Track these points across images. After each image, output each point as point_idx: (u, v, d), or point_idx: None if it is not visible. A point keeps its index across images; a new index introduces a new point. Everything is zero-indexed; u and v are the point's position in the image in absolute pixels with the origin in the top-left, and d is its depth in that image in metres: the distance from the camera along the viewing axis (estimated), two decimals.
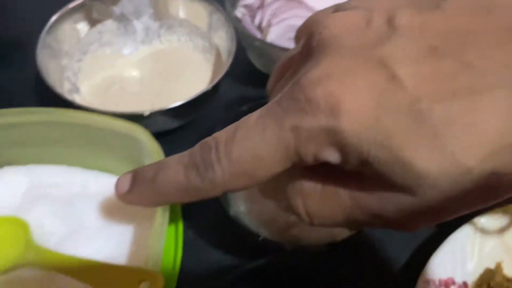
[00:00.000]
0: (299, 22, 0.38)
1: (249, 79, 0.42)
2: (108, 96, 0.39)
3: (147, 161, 0.24)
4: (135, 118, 0.30)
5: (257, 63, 0.41)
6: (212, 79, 0.39)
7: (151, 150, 0.26)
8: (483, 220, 0.31)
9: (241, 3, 0.39)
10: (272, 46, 0.36)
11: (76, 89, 0.39)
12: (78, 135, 0.28)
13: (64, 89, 0.37)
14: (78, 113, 0.29)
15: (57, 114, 0.28)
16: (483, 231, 0.31)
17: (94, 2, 0.40)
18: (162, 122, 0.35)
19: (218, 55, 0.40)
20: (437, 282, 0.29)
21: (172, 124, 0.36)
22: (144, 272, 0.23)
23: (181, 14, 0.42)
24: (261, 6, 0.38)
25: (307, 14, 0.37)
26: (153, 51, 0.42)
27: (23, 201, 0.28)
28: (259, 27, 0.38)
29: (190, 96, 0.34)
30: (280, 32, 0.36)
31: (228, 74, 0.35)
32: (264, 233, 0.28)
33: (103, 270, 0.24)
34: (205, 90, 0.34)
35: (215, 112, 0.39)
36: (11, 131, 0.28)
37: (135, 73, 0.41)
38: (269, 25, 0.37)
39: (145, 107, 0.33)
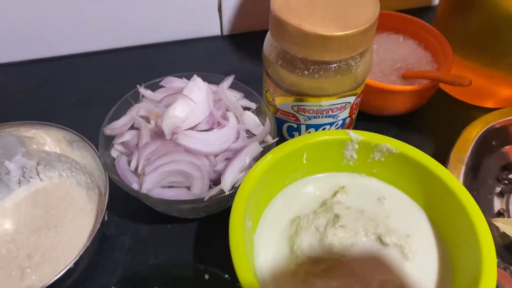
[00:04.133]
0: (176, 166, 0.34)
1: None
2: None
3: None
4: None
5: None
6: (95, 223, 0.35)
7: None
8: None
9: (117, 140, 0.35)
10: (147, 197, 0.32)
11: None
12: None
13: None
14: None
15: None
16: None
17: None
18: None
19: (100, 193, 0.36)
20: None
21: None
22: None
23: (55, 148, 0.37)
24: (138, 145, 0.34)
25: (185, 158, 0.33)
26: (32, 190, 0.38)
27: None
28: (137, 170, 0.33)
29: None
30: (156, 180, 0.32)
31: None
32: None
33: None
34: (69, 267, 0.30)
35: None
36: None
37: (7, 224, 0.36)
38: (143, 173, 0.32)
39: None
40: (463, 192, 0.32)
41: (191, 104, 0.33)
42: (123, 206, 0.38)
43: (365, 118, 0.45)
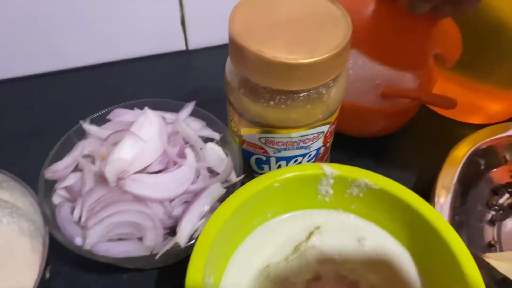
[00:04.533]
0: (124, 218, 0.30)
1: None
2: None
3: None
4: None
5: None
6: (37, 279, 0.31)
7: None
8: None
9: (60, 185, 0.31)
10: (91, 254, 0.28)
11: None
12: None
13: None
14: None
15: None
16: None
17: None
18: None
19: (44, 243, 0.32)
20: None
21: None
22: None
23: None
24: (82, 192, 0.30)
25: (134, 208, 0.28)
26: None
27: None
28: (80, 220, 0.29)
29: None
30: (102, 234, 0.28)
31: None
32: None
33: None
34: None
35: None
36: None
37: None
38: (86, 225, 0.28)
39: None
40: (448, 231, 0.28)
41: (140, 143, 0.29)
42: (72, 253, 0.34)
43: (343, 140, 0.41)
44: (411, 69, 0.36)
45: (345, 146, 0.42)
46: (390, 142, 0.43)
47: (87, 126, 0.32)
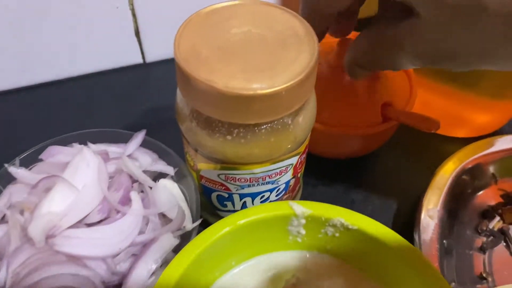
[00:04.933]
0: (56, 283, 0.26)
1: None
2: None
3: None
4: None
5: None
6: None
7: None
8: None
9: None
10: None
11: None
12: None
13: None
14: None
15: None
16: None
17: None
18: None
19: None
20: None
21: None
22: None
23: None
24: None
25: (67, 270, 0.24)
26: None
27: None
28: (5, 286, 0.24)
29: None
30: None
31: None
32: None
33: None
34: None
35: None
36: None
37: None
38: None
39: None
40: (433, 274, 0.25)
41: (75, 191, 0.24)
42: None
43: (317, 161, 0.37)
44: (363, 119, 0.33)
45: (320, 169, 0.38)
46: (369, 162, 0.39)
47: (13, 170, 0.27)
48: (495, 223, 0.36)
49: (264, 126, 0.25)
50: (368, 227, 0.27)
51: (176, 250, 0.26)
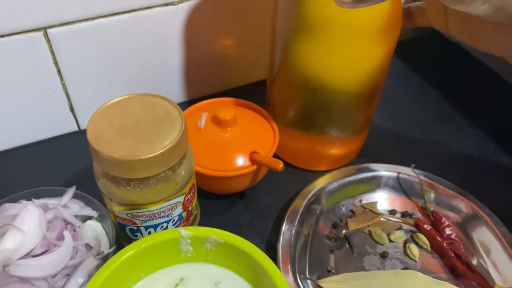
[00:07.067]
0: None
1: None
2: None
3: None
4: None
5: None
6: None
7: None
8: None
9: None
10: None
11: None
12: None
13: None
14: None
15: None
16: None
17: None
18: None
19: None
20: None
21: None
22: None
23: None
24: None
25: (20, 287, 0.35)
26: None
27: None
28: None
29: None
30: None
31: None
32: None
33: None
34: None
35: None
36: None
37: None
38: None
39: None
40: (273, 269, 0.37)
41: (22, 234, 0.36)
42: None
43: (213, 198, 0.50)
44: (236, 164, 0.47)
45: (215, 203, 0.50)
46: (252, 193, 0.52)
47: None
48: (343, 232, 0.49)
49: (152, 178, 0.37)
50: (232, 241, 0.39)
51: (98, 268, 0.37)
